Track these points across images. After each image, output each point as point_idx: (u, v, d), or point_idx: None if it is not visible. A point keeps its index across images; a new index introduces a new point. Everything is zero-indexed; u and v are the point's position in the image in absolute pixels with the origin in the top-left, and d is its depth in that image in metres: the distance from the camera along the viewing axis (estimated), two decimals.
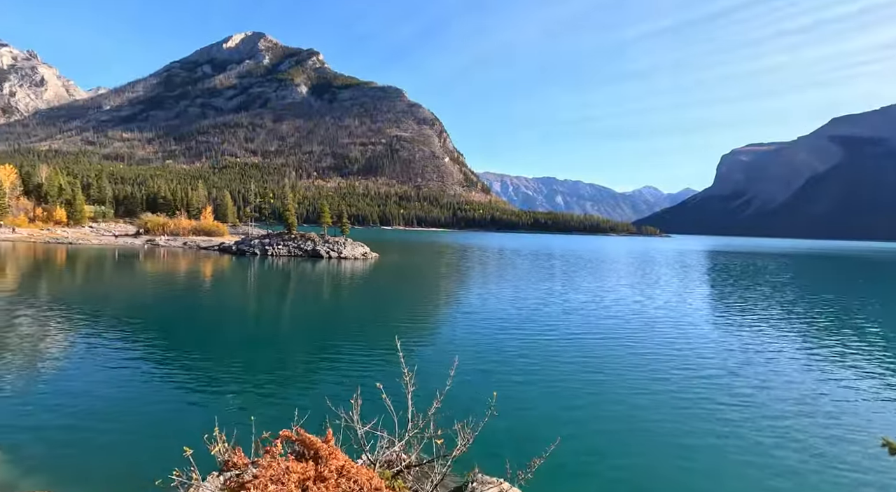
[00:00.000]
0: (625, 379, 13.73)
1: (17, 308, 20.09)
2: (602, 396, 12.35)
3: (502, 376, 13.72)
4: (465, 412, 5.75)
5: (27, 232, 66.40)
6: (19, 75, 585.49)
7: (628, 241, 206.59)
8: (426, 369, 13.46)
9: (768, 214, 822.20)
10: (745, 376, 14.36)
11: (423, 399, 5.78)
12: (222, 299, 26.54)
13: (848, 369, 15.42)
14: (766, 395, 12.78)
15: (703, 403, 12.00)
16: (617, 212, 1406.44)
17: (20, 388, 11.25)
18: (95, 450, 8.50)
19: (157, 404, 10.77)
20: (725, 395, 12.64)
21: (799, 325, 23.04)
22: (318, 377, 13.24)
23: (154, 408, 10.56)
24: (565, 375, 13.96)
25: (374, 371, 13.72)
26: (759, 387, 13.45)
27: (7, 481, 7.27)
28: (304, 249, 54.81)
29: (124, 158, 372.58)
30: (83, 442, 8.74)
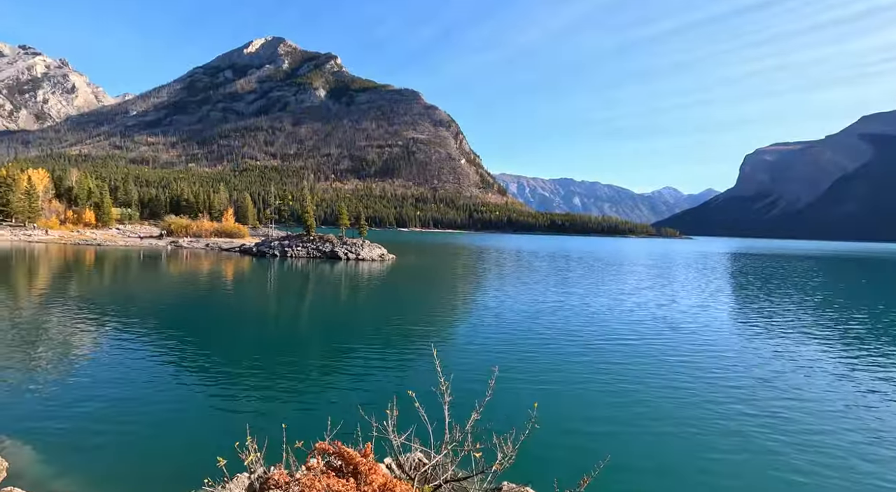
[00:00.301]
0: (662, 389, 13.32)
1: (50, 308, 20.72)
2: (642, 407, 11.96)
3: (535, 383, 13.34)
4: (502, 422, 5.52)
5: (58, 234, 68.75)
6: (52, 83, 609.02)
7: (648, 243, 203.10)
8: (456, 375, 13.32)
9: (794, 215, 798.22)
10: (785, 389, 13.83)
11: (455, 407, 5.39)
12: (245, 301, 26.92)
13: (890, 383, 14.73)
14: (801, 407, 12.28)
15: (757, 422, 11.59)
16: (635, 213, 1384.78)
17: (52, 387, 11.53)
18: (125, 452, 8.61)
19: (184, 406, 10.90)
20: (774, 410, 12.18)
21: (832, 332, 22.18)
22: (345, 382, 13.12)
23: (181, 409, 10.69)
24: (602, 382, 13.55)
25: (404, 377, 13.59)
26: (796, 399, 12.94)
27: (39, 480, 7.42)
28: (322, 251, 55.36)
29: (149, 162, 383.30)
30: (113, 443, 8.87)
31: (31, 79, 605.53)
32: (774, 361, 16.34)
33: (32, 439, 8.57)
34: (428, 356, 15.52)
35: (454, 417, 5.28)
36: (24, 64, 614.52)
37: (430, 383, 6.97)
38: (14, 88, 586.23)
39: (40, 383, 11.71)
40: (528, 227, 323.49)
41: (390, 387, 12.42)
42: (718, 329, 21.69)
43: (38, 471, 7.68)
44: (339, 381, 13.23)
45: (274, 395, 11.83)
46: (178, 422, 9.97)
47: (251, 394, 11.79)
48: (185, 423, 9.94)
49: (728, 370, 15.10)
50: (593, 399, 12.30)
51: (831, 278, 53.64)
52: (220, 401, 11.22)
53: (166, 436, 9.27)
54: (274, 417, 10.35)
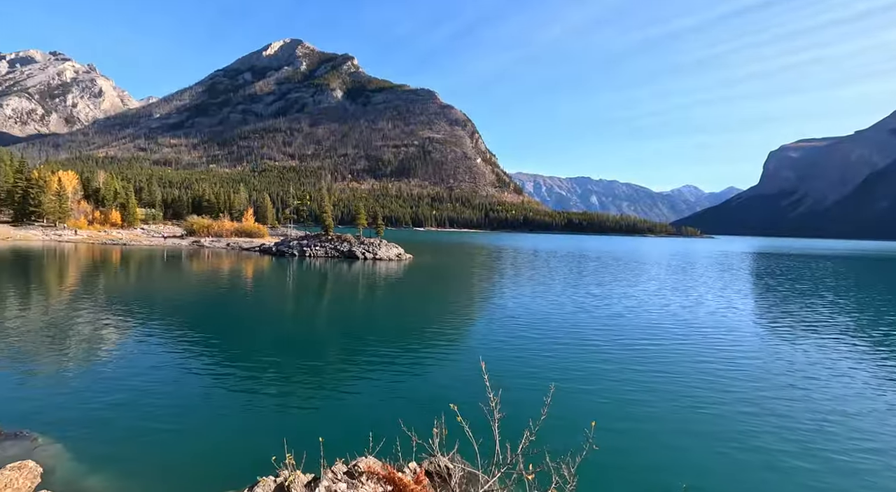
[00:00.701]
0: (728, 403, 12.96)
1: (81, 307, 21.30)
2: (703, 423, 11.63)
3: (581, 395, 12.72)
4: (552, 440, 5.15)
5: (87, 233, 70.90)
6: (80, 88, 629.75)
7: (668, 242, 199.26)
8: (493, 385, 13.18)
9: (821, 213, 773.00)
10: (825, 399, 13.30)
11: (485, 417, 5.15)
12: (268, 301, 27.21)
13: None
14: (842, 420, 11.76)
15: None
16: (654, 212, 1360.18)
17: (82, 386, 11.78)
18: (156, 454, 8.69)
19: (214, 409, 10.98)
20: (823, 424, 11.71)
21: (871, 337, 21.29)
22: (377, 388, 12.71)
23: (212, 412, 10.77)
24: (658, 393, 13.04)
25: (442, 386, 13.19)
26: (837, 412, 12.41)
27: (70, 478, 7.54)
28: (340, 251, 55.79)
29: (172, 163, 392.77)
30: (146, 446, 8.97)
31: (61, 84, 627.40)
32: (814, 368, 15.73)
33: (64, 440, 8.73)
34: (461, 362, 15.40)
35: (482, 425, 5.01)
36: (55, 69, 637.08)
37: (468, 392, 6.84)
38: (45, 93, 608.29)
39: (71, 381, 11.98)
40: (544, 226, 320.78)
41: (425, 395, 12.22)
42: (773, 338, 21.02)
43: (71, 475, 7.80)
44: (370, 387, 12.90)
45: (304, 400, 11.75)
46: (209, 425, 10.02)
47: (280, 398, 11.74)
48: (216, 426, 9.98)
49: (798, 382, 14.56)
50: (653, 413, 11.58)
51: (866, 279, 51.65)
52: (249, 404, 11.26)
53: (196, 439, 9.33)
54: (305, 423, 10.36)
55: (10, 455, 7.92)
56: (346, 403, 11.38)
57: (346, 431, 9.72)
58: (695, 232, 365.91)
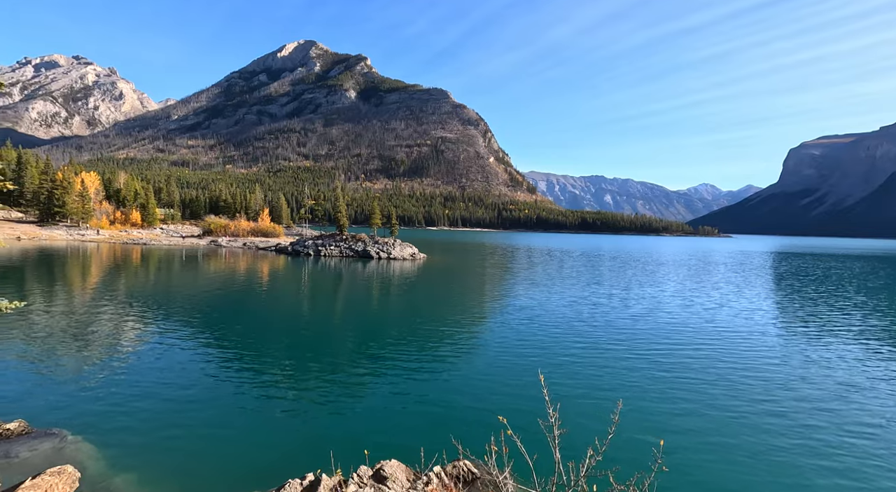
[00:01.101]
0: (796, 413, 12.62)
1: (106, 305, 21.73)
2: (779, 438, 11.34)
3: (636, 411, 11.86)
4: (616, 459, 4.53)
5: (108, 233, 72.56)
6: (102, 91, 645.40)
7: (686, 241, 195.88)
8: (529, 394, 13.08)
9: (843, 211, 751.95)
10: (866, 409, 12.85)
11: (531, 432, 4.49)
12: (287, 301, 27.40)
13: None
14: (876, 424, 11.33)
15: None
16: (670, 211, 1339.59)
17: (109, 384, 11.97)
18: (183, 452, 8.77)
19: (237, 407, 11.06)
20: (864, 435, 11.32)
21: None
22: (400, 392, 12.46)
23: (236, 411, 10.85)
24: (724, 407, 12.80)
25: (462, 390, 12.98)
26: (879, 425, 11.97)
27: (104, 480, 7.62)
28: (355, 250, 56.06)
29: (189, 164, 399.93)
30: (171, 443, 9.06)
31: (83, 87, 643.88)
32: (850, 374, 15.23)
33: (95, 438, 8.85)
34: (480, 365, 15.26)
35: (532, 437, 4.32)
36: (78, 73, 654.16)
37: (491, 396, 6.60)
38: (69, 97, 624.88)
39: (97, 379, 12.18)
40: (558, 225, 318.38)
41: (447, 398, 12.10)
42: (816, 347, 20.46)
43: (105, 478, 7.88)
44: (391, 389, 12.79)
45: (326, 402, 11.70)
46: (235, 425, 10.08)
47: (303, 400, 11.73)
48: (241, 427, 10.02)
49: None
50: (718, 428, 11.03)
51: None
52: (272, 406, 11.27)
53: (222, 439, 9.39)
54: (328, 425, 10.33)
55: (42, 453, 8.05)
56: (367, 405, 11.34)
57: (368, 433, 9.68)
58: (712, 231, 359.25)
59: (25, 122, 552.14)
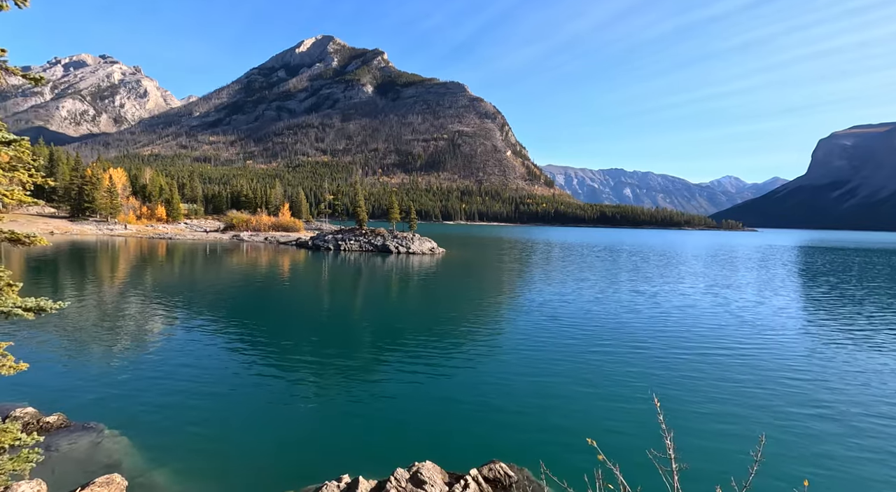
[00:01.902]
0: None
1: (136, 299, 22.21)
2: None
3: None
4: None
5: (135, 228, 74.54)
6: (127, 89, 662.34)
7: (709, 235, 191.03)
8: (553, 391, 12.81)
9: (877, 204, 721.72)
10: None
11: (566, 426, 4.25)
12: (312, 296, 27.56)
13: None
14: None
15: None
16: (692, 204, 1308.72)
17: (139, 376, 12.15)
18: (218, 451, 8.80)
19: (269, 407, 11.09)
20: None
21: None
22: (431, 391, 12.12)
23: (268, 411, 10.87)
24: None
25: (488, 390, 12.67)
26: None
27: (142, 481, 7.68)
28: (374, 245, 56.27)
29: (211, 160, 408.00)
30: (205, 441, 9.11)
31: (109, 85, 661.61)
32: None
33: (130, 432, 8.93)
34: (509, 363, 15.00)
35: (568, 443, 3.87)
36: (104, 72, 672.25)
37: (539, 401, 6.36)
38: (96, 95, 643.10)
39: (128, 372, 12.38)
40: (576, 219, 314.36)
41: (477, 398, 11.93)
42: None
43: (134, 461, 7.95)
44: (422, 388, 12.48)
45: (358, 402, 11.58)
46: (268, 425, 10.08)
47: (337, 400, 11.61)
48: (275, 427, 10.00)
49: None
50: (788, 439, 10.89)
51: None
52: (305, 406, 11.23)
53: (257, 438, 9.38)
54: (361, 424, 10.23)
55: (81, 447, 8.17)
56: (394, 403, 11.23)
57: (395, 432, 9.56)
58: (737, 225, 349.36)
59: (56, 120, 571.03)
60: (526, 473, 7.68)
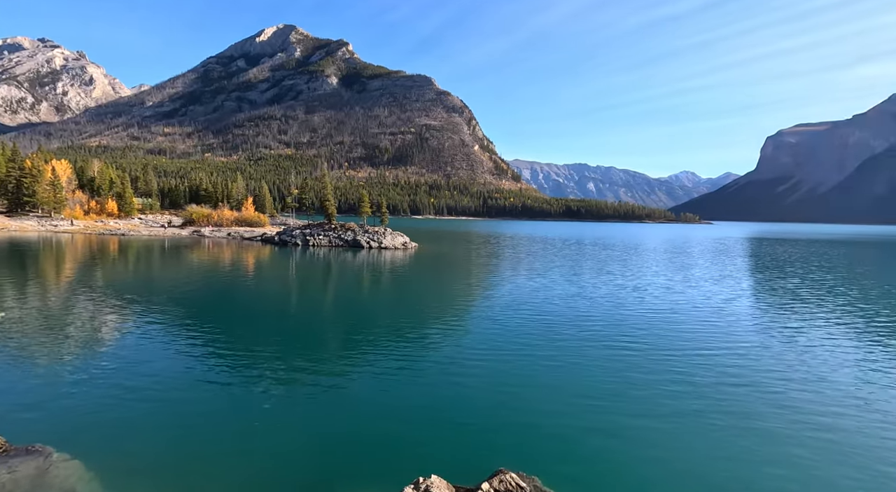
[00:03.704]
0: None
1: (85, 302, 20.26)
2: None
3: None
4: None
5: (83, 224, 69.45)
6: (70, 75, 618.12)
7: (669, 228, 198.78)
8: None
9: (818, 198, 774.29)
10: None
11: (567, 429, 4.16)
12: (280, 295, 26.18)
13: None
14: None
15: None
16: (652, 198, 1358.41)
17: (91, 389, 10.83)
18: (180, 468, 7.81)
19: (238, 417, 10.09)
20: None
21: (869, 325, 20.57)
22: (432, 400, 11.46)
23: (238, 422, 9.88)
24: None
25: (480, 395, 12.12)
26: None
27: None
28: (344, 240, 54.72)
29: (166, 152, 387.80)
30: (165, 456, 8.08)
31: (50, 71, 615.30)
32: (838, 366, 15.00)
33: (82, 454, 7.74)
34: (503, 366, 14.48)
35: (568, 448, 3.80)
36: (44, 57, 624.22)
37: (532, 403, 6.39)
38: (35, 81, 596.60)
39: (79, 385, 11.02)
40: (543, 213, 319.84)
41: (482, 405, 11.32)
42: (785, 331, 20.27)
43: (82, 486, 6.87)
44: (415, 396, 11.68)
45: (348, 411, 10.76)
46: (236, 438, 9.12)
47: (320, 409, 10.69)
48: (244, 439, 9.05)
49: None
50: None
51: (869, 265, 51.14)
52: (283, 416, 10.29)
53: (222, 453, 8.41)
54: (355, 438, 9.46)
55: (26, 475, 6.99)
56: (381, 410, 10.44)
57: (391, 446, 8.82)
58: (694, 218, 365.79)
59: None
60: (535, 481, 7.14)
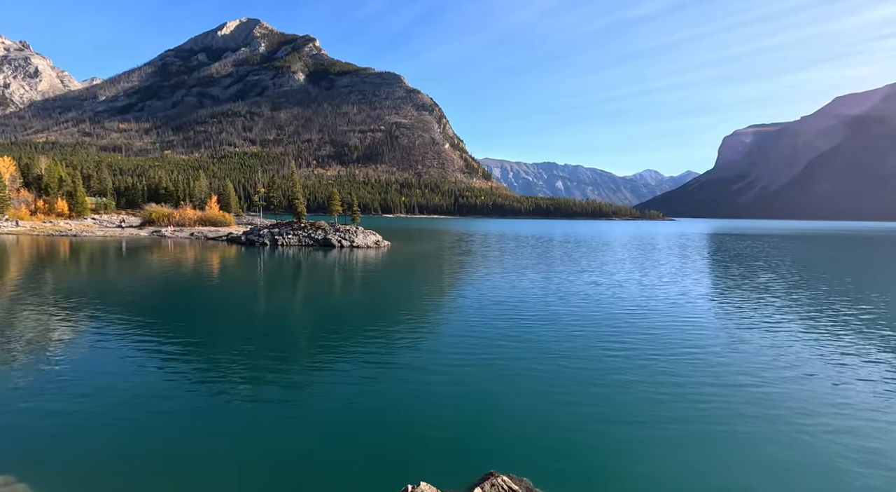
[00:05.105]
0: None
1: (32, 310, 18.72)
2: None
3: None
4: None
5: (30, 225, 64.94)
6: (13, 67, 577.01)
7: (634, 225, 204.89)
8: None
9: (770, 195, 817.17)
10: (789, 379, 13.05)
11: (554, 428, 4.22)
12: (249, 297, 25.09)
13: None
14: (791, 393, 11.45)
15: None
16: (618, 196, 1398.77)
17: (42, 406, 9.87)
18: (142, 485, 7.14)
19: (206, 427, 9.41)
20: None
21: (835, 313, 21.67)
22: (414, 402, 11.16)
23: (217, 429, 9.21)
24: None
25: (477, 394, 11.83)
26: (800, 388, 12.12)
27: None
28: (315, 239, 53.35)
29: (122, 150, 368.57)
30: (125, 474, 7.38)
31: None
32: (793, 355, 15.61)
33: (34, 479, 6.94)
34: (488, 364, 14.22)
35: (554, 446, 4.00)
36: None
37: (515, 403, 6.35)
38: None
39: (26, 402, 10.03)
40: (513, 211, 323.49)
41: (464, 407, 10.99)
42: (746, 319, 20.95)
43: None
44: (396, 398, 11.26)
45: (322, 416, 10.20)
46: (220, 448, 8.47)
47: (294, 415, 10.12)
48: (229, 449, 8.41)
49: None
50: None
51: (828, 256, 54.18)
52: (263, 423, 9.69)
53: (206, 464, 7.78)
54: (332, 445, 8.95)
55: None
56: (366, 419, 10.02)
57: (372, 452, 8.41)
58: (658, 215, 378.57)
59: None
60: (527, 483, 6.97)
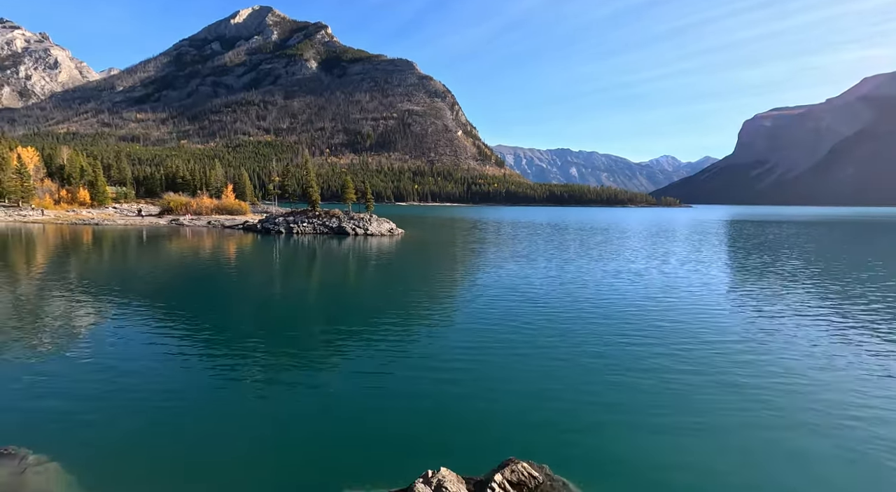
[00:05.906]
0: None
1: (59, 294, 19.28)
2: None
3: None
4: None
5: (54, 214, 66.67)
6: (34, 58, 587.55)
7: (651, 212, 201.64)
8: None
9: (791, 181, 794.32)
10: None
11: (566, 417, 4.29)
12: (267, 285, 25.41)
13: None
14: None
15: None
16: (633, 183, 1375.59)
17: (68, 388, 10.20)
18: (165, 468, 7.33)
19: (227, 412, 9.61)
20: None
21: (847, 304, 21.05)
22: (431, 389, 11.14)
23: (227, 417, 9.40)
24: None
25: (496, 381, 11.80)
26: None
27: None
28: (329, 227, 53.73)
29: (140, 139, 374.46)
30: (147, 455, 7.58)
31: (11, 54, 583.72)
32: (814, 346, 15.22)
33: (61, 456, 7.18)
34: (504, 355, 14.22)
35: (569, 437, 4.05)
36: (4, 39, 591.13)
37: (532, 389, 6.54)
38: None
39: (54, 383, 10.36)
40: (527, 199, 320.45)
41: (483, 394, 10.99)
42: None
43: (47, 484, 6.57)
44: (415, 385, 11.27)
45: (344, 404, 10.27)
46: (227, 434, 8.65)
47: (322, 404, 10.23)
48: (236, 435, 8.60)
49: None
50: None
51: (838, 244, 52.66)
52: (275, 409, 9.83)
53: (213, 450, 7.96)
54: (354, 430, 9.06)
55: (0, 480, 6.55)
56: (384, 405, 10.10)
57: (392, 438, 8.47)
58: (674, 202, 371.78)
59: None
60: (546, 470, 6.98)
